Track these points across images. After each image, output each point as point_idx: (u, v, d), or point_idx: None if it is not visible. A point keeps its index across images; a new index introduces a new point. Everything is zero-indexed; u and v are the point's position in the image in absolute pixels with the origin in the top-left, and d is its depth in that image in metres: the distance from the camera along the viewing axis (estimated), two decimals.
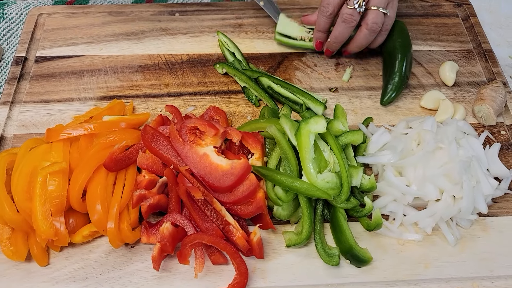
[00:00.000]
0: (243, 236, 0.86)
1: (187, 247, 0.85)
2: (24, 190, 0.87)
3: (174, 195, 0.90)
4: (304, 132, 0.90)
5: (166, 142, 0.93)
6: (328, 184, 0.89)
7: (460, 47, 1.27)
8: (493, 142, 1.08)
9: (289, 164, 0.92)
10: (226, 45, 1.22)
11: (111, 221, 0.86)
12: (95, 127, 0.95)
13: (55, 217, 0.86)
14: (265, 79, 1.12)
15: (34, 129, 1.07)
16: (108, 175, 0.91)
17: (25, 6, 1.36)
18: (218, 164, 0.89)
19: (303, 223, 0.89)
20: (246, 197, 0.87)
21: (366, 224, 0.92)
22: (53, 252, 0.91)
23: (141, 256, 0.91)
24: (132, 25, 1.29)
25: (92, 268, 0.89)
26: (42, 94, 1.14)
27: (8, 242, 0.87)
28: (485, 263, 0.91)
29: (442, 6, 1.37)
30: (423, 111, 1.14)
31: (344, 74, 1.20)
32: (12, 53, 1.25)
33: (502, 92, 1.10)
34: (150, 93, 1.15)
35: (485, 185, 0.94)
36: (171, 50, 1.24)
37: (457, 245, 0.93)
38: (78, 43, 1.24)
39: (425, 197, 0.93)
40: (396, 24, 1.19)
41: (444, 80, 1.19)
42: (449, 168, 0.92)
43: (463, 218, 0.94)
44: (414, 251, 0.92)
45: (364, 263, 0.89)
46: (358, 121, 1.11)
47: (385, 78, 1.16)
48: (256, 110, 1.13)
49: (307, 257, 0.91)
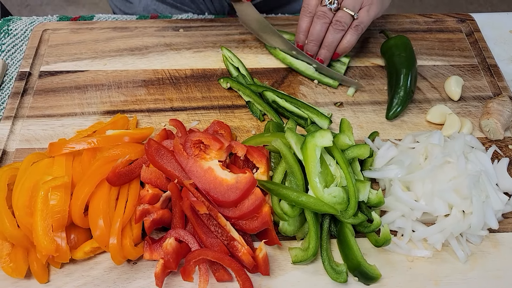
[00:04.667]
0: (248, 252, 0.84)
1: (191, 264, 0.83)
2: (25, 205, 0.86)
3: (178, 210, 0.88)
4: (310, 146, 0.89)
5: (170, 156, 0.91)
6: (335, 199, 0.87)
7: (465, 62, 1.27)
8: (501, 156, 1.06)
9: (295, 179, 0.91)
10: (230, 60, 1.22)
11: (113, 237, 0.84)
12: (98, 141, 0.94)
13: (56, 232, 0.84)
14: (269, 93, 1.12)
15: (36, 144, 1.06)
16: (111, 190, 0.90)
17: (30, 22, 1.36)
18: (223, 178, 0.87)
19: (310, 239, 0.87)
20: (251, 212, 0.85)
21: (374, 240, 0.90)
22: (54, 269, 0.89)
23: (143, 272, 0.88)
24: (136, 40, 1.29)
25: (93, 285, 0.87)
26: (45, 108, 1.13)
27: (7, 258, 0.85)
28: (497, 281, 0.89)
29: (446, 21, 1.38)
30: (429, 125, 1.13)
31: (348, 89, 1.19)
32: (16, 69, 1.25)
33: (509, 106, 1.09)
34: (154, 107, 1.14)
35: (495, 200, 0.92)
36: (175, 65, 1.24)
37: (468, 262, 0.91)
38: (82, 58, 1.24)
39: (434, 212, 0.91)
40: (400, 39, 1.19)
41: (449, 95, 1.18)
42: (458, 183, 0.91)
43: (474, 234, 0.91)
44: (423, 268, 0.90)
45: (372, 281, 0.87)
46: (364, 135, 1.10)
47: (390, 92, 1.15)
48: (260, 124, 1.12)
49: (314, 274, 0.89)
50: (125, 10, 1.57)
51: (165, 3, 1.52)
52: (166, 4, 1.52)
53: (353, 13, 1.11)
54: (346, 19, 1.11)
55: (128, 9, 1.56)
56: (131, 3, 1.55)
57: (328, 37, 1.14)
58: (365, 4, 1.13)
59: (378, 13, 1.17)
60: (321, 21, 1.13)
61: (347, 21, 1.12)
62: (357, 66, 1.26)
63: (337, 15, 1.12)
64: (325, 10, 1.12)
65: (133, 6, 1.55)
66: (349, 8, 1.11)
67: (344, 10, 1.11)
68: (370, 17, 1.14)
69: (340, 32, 1.13)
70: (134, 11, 1.55)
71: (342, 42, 1.15)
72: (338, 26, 1.12)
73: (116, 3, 1.61)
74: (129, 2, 1.55)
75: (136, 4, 1.54)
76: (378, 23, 1.36)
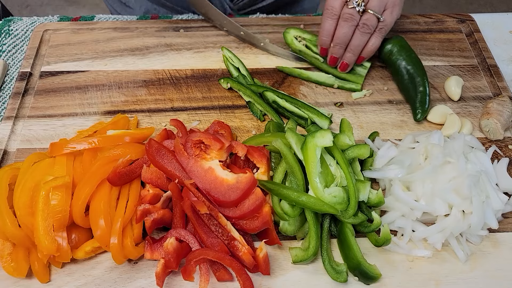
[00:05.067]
0: (249, 252, 0.84)
1: (192, 263, 0.83)
2: (26, 204, 0.86)
3: (178, 210, 0.89)
4: (311, 146, 0.89)
5: (170, 156, 0.92)
6: (335, 199, 0.88)
7: (465, 62, 1.27)
8: (501, 156, 1.06)
9: (295, 179, 0.91)
10: (230, 60, 1.22)
11: (114, 237, 0.84)
12: (99, 141, 0.95)
13: (57, 232, 0.84)
14: (270, 93, 1.12)
15: (37, 144, 1.07)
16: (111, 190, 0.90)
17: (31, 23, 1.36)
18: (224, 178, 0.88)
19: (310, 239, 0.88)
20: (252, 211, 0.86)
21: (375, 240, 0.91)
22: (55, 269, 0.89)
23: (144, 272, 0.89)
24: (137, 41, 1.29)
25: (94, 285, 0.87)
26: (46, 109, 1.13)
27: (9, 257, 0.85)
28: (497, 281, 0.89)
29: (446, 22, 1.38)
30: (429, 125, 1.13)
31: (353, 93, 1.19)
32: (17, 69, 1.25)
33: (509, 107, 1.09)
34: (154, 107, 1.14)
35: (495, 200, 0.92)
36: (176, 65, 1.24)
37: (468, 261, 0.91)
38: (83, 59, 1.25)
39: (434, 212, 0.91)
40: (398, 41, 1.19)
41: (449, 95, 1.18)
42: (458, 183, 0.91)
43: (473, 233, 0.92)
44: (424, 267, 0.90)
45: (373, 280, 0.87)
46: (364, 135, 1.10)
47: (411, 95, 1.14)
48: (261, 124, 1.12)
49: (314, 274, 0.89)
50: (125, 14, 1.57)
51: (165, 7, 1.52)
52: (167, 8, 1.52)
53: (379, 15, 1.10)
54: (373, 22, 1.10)
55: (128, 14, 1.56)
56: (132, 8, 1.55)
57: (354, 40, 1.13)
58: (389, 6, 1.12)
59: (399, 15, 1.17)
60: (349, 23, 1.11)
61: (374, 23, 1.11)
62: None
63: (364, 18, 1.10)
64: (353, 12, 1.10)
65: (133, 11, 1.55)
66: (375, 10, 1.09)
67: (370, 12, 1.09)
68: (394, 19, 1.14)
69: (367, 35, 1.12)
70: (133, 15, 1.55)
71: (367, 45, 1.15)
72: (365, 29, 1.10)
73: (116, 8, 1.60)
74: (129, 8, 1.55)
75: (136, 9, 1.54)
76: None
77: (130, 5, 1.54)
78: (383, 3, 1.11)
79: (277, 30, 1.33)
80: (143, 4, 1.52)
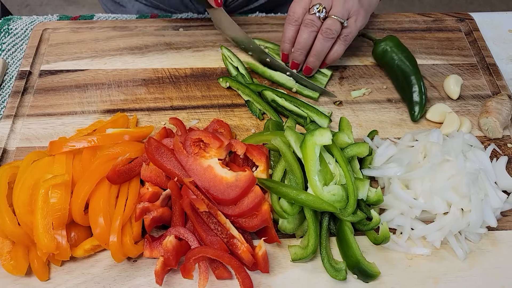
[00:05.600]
0: (248, 250, 0.84)
1: (191, 261, 0.83)
2: (25, 203, 0.86)
3: (177, 208, 0.89)
4: (310, 144, 0.89)
5: (170, 155, 0.92)
6: (334, 197, 0.88)
7: (464, 61, 1.27)
8: (500, 155, 1.07)
9: (295, 177, 0.91)
10: (229, 59, 1.23)
11: (113, 235, 0.84)
12: (98, 139, 0.95)
13: (56, 230, 0.85)
14: (269, 92, 1.12)
15: (37, 142, 1.07)
16: (111, 188, 0.90)
17: (30, 22, 1.37)
18: (223, 176, 0.88)
19: (309, 237, 0.88)
20: (251, 209, 0.86)
21: (373, 238, 0.91)
22: (54, 267, 0.89)
23: (143, 270, 0.89)
24: (136, 39, 1.30)
25: (94, 283, 0.87)
26: (45, 107, 1.14)
27: (8, 256, 0.86)
28: (496, 279, 0.89)
29: (445, 20, 1.38)
30: (428, 124, 1.13)
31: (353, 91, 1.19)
32: (17, 68, 1.26)
33: (507, 105, 1.10)
34: (153, 106, 1.15)
35: (494, 198, 0.92)
36: (175, 64, 1.24)
37: (467, 259, 0.91)
38: (82, 58, 1.25)
39: (433, 210, 0.91)
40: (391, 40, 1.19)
41: (448, 93, 1.18)
42: (457, 181, 0.91)
43: (472, 232, 0.92)
44: (422, 265, 0.90)
45: (371, 278, 0.87)
46: (363, 134, 1.10)
47: (406, 94, 1.14)
48: (260, 123, 1.12)
49: (314, 272, 0.89)
50: (119, 13, 1.57)
51: (159, 9, 1.52)
52: (160, 9, 1.52)
53: (343, 20, 1.10)
54: (336, 27, 1.10)
55: (122, 13, 1.56)
56: (124, 7, 1.55)
57: (317, 45, 1.13)
58: (352, 14, 1.12)
59: (363, 24, 1.17)
60: (309, 29, 1.11)
61: (337, 28, 1.10)
62: (356, 65, 1.26)
63: (327, 23, 1.10)
64: (313, 18, 1.10)
65: (126, 10, 1.55)
66: (338, 16, 1.09)
67: (334, 18, 1.09)
68: (357, 27, 1.14)
69: (330, 40, 1.12)
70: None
71: (330, 52, 1.15)
72: (328, 33, 1.10)
73: (110, 7, 1.61)
74: (123, 6, 1.55)
75: (129, 8, 1.54)
76: (377, 22, 1.36)
77: (123, 4, 1.54)
78: (346, 11, 1.11)
79: (276, 29, 1.33)
80: (135, 3, 1.52)
